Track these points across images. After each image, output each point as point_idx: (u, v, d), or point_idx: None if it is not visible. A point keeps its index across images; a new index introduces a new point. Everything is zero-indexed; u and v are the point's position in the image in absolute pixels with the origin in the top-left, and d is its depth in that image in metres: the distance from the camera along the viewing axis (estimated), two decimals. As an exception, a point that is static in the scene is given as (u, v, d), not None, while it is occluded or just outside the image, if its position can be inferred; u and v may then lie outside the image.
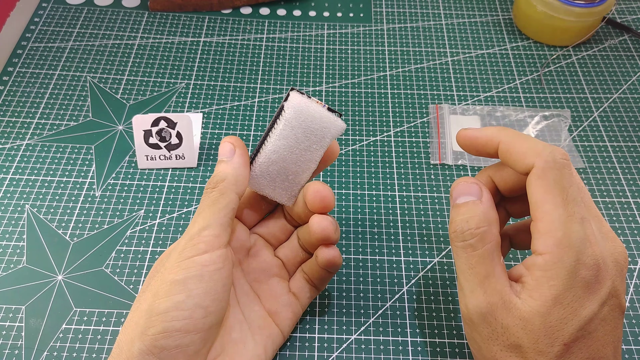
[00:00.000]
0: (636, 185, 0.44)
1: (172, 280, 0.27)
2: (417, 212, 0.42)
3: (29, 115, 0.47)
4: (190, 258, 0.27)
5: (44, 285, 0.37)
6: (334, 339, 0.35)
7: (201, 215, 0.29)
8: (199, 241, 0.28)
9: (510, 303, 0.26)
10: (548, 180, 0.26)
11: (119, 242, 0.39)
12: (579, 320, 0.25)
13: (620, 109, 0.50)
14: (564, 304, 0.25)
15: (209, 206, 0.29)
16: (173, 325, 0.26)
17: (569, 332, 0.25)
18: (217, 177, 0.30)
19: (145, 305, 0.27)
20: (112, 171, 0.44)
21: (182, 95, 0.49)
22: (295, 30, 0.56)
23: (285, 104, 0.30)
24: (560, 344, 0.24)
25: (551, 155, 0.26)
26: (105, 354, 0.34)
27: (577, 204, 0.26)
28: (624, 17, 0.59)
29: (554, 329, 0.25)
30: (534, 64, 0.54)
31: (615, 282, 0.26)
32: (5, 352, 0.34)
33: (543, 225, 0.26)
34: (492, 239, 0.27)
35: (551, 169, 0.26)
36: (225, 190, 0.29)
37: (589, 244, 0.25)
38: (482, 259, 0.27)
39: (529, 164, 0.26)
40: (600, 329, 0.25)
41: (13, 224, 0.40)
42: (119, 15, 0.56)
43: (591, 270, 0.25)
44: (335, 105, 0.49)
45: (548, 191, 0.26)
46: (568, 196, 0.26)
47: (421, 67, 0.53)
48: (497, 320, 0.26)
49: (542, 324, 0.25)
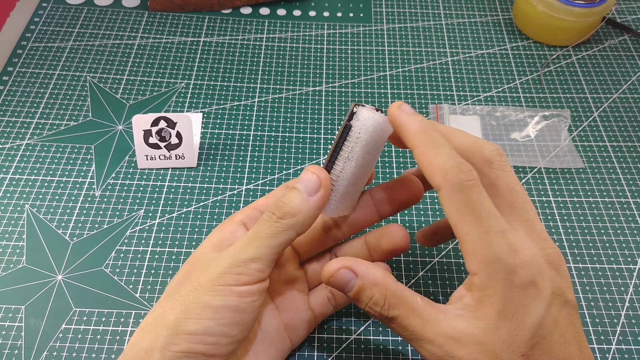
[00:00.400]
0: (636, 185, 0.44)
1: (206, 303, 0.26)
2: (417, 212, 0.42)
3: (29, 115, 0.47)
4: (230, 286, 0.26)
5: (43, 285, 0.37)
6: (334, 339, 0.35)
7: (255, 243, 0.27)
8: (244, 272, 0.26)
9: (458, 334, 0.25)
10: (456, 202, 0.25)
11: (118, 242, 0.39)
12: (529, 328, 0.24)
13: (620, 109, 0.50)
14: (509, 317, 0.25)
15: (267, 237, 0.27)
16: (197, 348, 0.26)
17: (522, 341, 0.24)
18: (289, 209, 0.27)
19: (172, 317, 0.26)
20: (112, 171, 0.44)
21: (182, 95, 0.49)
22: (295, 30, 0.56)
23: (356, 124, 0.28)
24: (518, 356, 0.24)
25: (457, 178, 0.25)
26: (105, 354, 0.34)
27: (493, 217, 0.25)
28: (624, 17, 0.59)
29: (508, 342, 0.25)
30: (534, 64, 0.54)
31: (556, 281, 0.26)
32: (5, 352, 0.34)
33: (467, 245, 0.25)
34: (399, 296, 0.27)
35: (457, 192, 0.25)
36: (291, 227, 0.27)
37: (516, 252, 0.25)
38: (408, 318, 0.26)
39: (436, 183, 0.26)
40: (555, 330, 0.25)
41: (13, 223, 0.40)
42: (119, 15, 0.56)
43: (526, 277, 0.25)
44: (335, 106, 0.49)
45: (459, 213, 0.25)
46: (481, 212, 0.25)
47: (421, 67, 0.53)
48: (454, 358, 0.25)
49: (495, 341, 0.25)
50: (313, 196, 0.28)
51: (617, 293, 0.38)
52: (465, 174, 0.26)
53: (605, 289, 0.38)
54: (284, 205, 0.27)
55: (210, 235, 0.31)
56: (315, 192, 0.28)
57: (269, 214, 0.28)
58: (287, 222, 0.27)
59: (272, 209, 0.28)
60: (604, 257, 0.40)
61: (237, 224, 0.31)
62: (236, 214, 0.32)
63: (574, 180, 0.44)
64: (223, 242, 0.30)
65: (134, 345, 0.27)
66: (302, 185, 0.28)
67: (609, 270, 0.39)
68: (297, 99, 0.50)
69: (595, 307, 0.37)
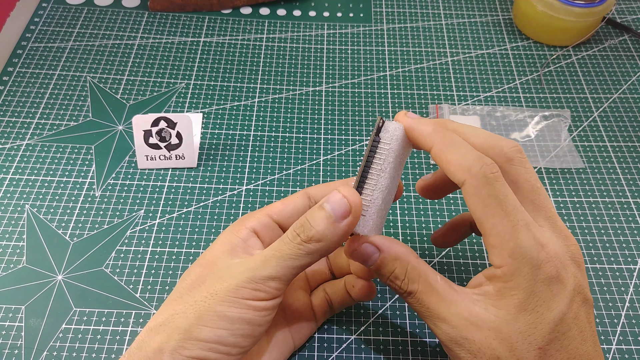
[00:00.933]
0: (636, 185, 0.44)
1: (222, 313, 0.26)
2: (417, 212, 0.42)
3: (29, 115, 0.47)
4: (246, 300, 0.26)
5: (43, 285, 0.37)
6: (334, 339, 0.35)
7: (276, 262, 0.26)
8: (261, 289, 0.26)
9: (474, 317, 0.25)
10: (482, 196, 0.25)
11: (118, 242, 0.39)
12: (549, 323, 0.25)
13: (620, 109, 0.50)
14: (529, 310, 0.25)
15: (289, 258, 0.26)
16: (208, 356, 0.26)
17: (540, 335, 0.25)
18: (314, 233, 0.26)
19: (185, 321, 0.26)
20: (112, 171, 0.44)
21: (182, 95, 0.49)
22: (295, 30, 0.56)
23: (385, 136, 0.28)
24: (535, 348, 0.25)
25: (481, 173, 0.25)
26: (105, 354, 0.34)
27: (518, 211, 0.26)
28: (624, 17, 0.59)
29: (525, 334, 0.25)
30: (534, 64, 0.54)
31: (578, 278, 0.26)
32: (5, 352, 0.34)
33: (492, 239, 0.26)
34: (419, 271, 0.27)
35: (482, 186, 0.25)
36: (315, 252, 0.26)
37: (542, 247, 0.25)
38: (426, 293, 0.27)
39: (459, 180, 0.26)
40: (575, 327, 0.25)
41: (13, 224, 0.40)
42: (119, 15, 0.56)
43: (551, 272, 0.25)
44: (335, 106, 0.49)
45: (486, 205, 0.25)
46: (507, 206, 0.25)
47: (421, 67, 0.53)
48: (468, 340, 0.25)
49: (512, 331, 0.25)
50: (341, 222, 0.26)
51: (617, 293, 0.38)
52: (489, 166, 0.26)
53: (605, 289, 0.38)
54: (310, 229, 0.26)
55: (222, 239, 0.30)
56: (344, 217, 0.26)
57: (293, 234, 0.27)
58: (311, 247, 0.26)
59: (298, 229, 0.27)
60: (604, 257, 0.40)
61: (249, 230, 0.30)
62: (248, 218, 0.30)
63: (574, 180, 0.44)
64: (236, 249, 0.29)
65: (142, 344, 0.27)
66: (331, 208, 0.26)
67: (609, 270, 0.39)
68: (297, 99, 0.50)
69: (595, 307, 0.37)
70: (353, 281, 0.32)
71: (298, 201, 0.31)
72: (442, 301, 0.26)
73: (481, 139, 0.27)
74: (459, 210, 0.42)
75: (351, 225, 0.27)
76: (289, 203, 0.31)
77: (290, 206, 0.31)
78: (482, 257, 0.39)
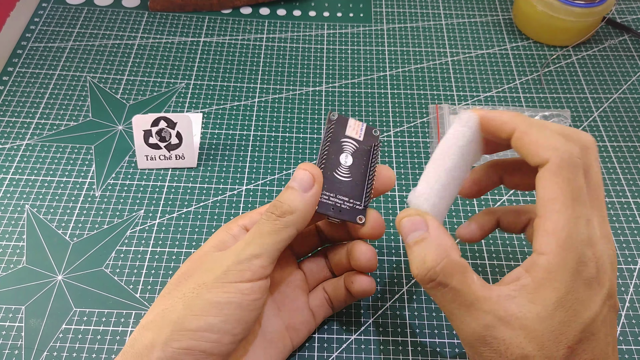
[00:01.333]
0: (636, 185, 0.44)
1: (210, 300, 0.26)
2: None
3: (29, 115, 0.47)
4: (234, 283, 0.27)
5: (43, 285, 0.37)
6: (334, 339, 0.35)
7: (257, 241, 0.28)
8: (247, 269, 0.27)
9: (507, 316, 0.25)
10: (561, 178, 0.25)
11: (118, 242, 0.39)
12: (582, 322, 0.24)
13: (620, 109, 0.50)
14: (566, 307, 0.24)
15: (268, 234, 0.28)
16: (199, 345, 0.26)
17: (572, 334, 0.24)
18: (286, 207, 0.28)
19: (174, 315, 0.27)
20: (112, 171, 0.44)
21: (182, 95, 0.49)
22: (295, 30, 0.56)
23: (458, 122, 0.29)
24: (564, 347, 0.24)
25: (568, 153, 0.25)
26: (105, 354, 0.34)
27: (584, 205, 0.25)
28: (624, 17, 0.59)
29: (556, 332, 0.24)
30: (534, 64, 0.54)
31: (612, 283, 0.26)
32: (5, 352, 0.34)
33: (549, 224, 0.25)
34: (456, 266, 0.26)
35: (566, 167, 0.25)
36: (290, 224, 0.28)
37: (590, 246, 0.25)
38: (457, 290, 0.26)
39: (543, 158, 0.25)
40: (602, 329, 0.25)
41: (13, 224, 0.40)
42: (119, 15, 0.56)
43: (592, 272, 0.25)
44: (335, 106, 0.49)
45: (560, 189, 0.25)
46: (579, 197, 0.25)
47: (421, 67, 0.53)
48: (497, 339, 0.25)
49: (545, 329, 0.24)
50: (308, 192, 0.29)
51: (617, 293, 0.38)
52: (576, 150, 0.25)
53: (606, 289, 0.38)
54: (282, 205, 0.28)
55: (213, 237, 0.31)
56: (310, 188, 0.29)
57: (268, 213, 0.29)
58: (287, 220, 0.28)
59: (271, 208, 0.29)
60: (604, 257, 0.40)
61: (240, 227, 0.31)
62: (242, 218, 0.32)
63: (574, 180, 0.44)
64: (224, 244, 0.30)
65: (134, 342, 0.27)
66: (297, 184, 0.29)
67: (609, 270, 0.39)
68: (297, 99, 0.50)
69: (595, 307, 0.37)
70: (352, 276, 0.32)
71: None
72: (476, 300, 0.25)
73: (559, 128, 0.27)
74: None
75: (316, 193, 0.29)
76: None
77: None
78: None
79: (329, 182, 0.31)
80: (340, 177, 0.31)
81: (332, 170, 0.31)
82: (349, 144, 0.33)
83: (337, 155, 0.32)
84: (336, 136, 0.32)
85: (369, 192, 0.31)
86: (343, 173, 0.31)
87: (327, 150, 0.32)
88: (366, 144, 0.33)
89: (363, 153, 0.32)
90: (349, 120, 0.33)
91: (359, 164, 0.32)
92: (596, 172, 0.27)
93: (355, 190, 0.31)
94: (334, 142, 0.32)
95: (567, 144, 0.25)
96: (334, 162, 0.32)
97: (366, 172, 0.32)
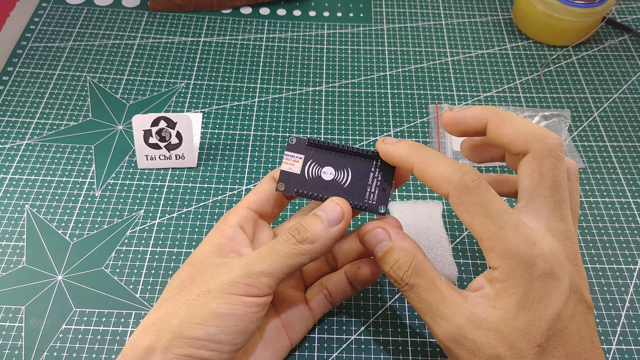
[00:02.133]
0: (636, 185, 0.44)
1: (212, 310, 0.26)
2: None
3: (29, 115, 0.47)
4: (239, 296, 0.27)
5: (43, 285, 0.37)
6: (334, 339, 0.35)
7: (271, 259, 0.28)
8: (254, 285, 0.27)
9: (476, 319, 0.26)
10: (467, 203, 0.26)
11: (118, 242, 0.39)
12: (546, 320, 0.25)
13: (620, 109, 0.50)
14: (527, 307, 0.25)
15: (283, 256, 0.28)
16: (200, 353, 0.26)
17: (539, 332, 0.25)
18: (309, 235, 0.28)
19: (176, 320, 0.26)
20: (112, 171, 0.44)
21: (182, 95, 0.49)
22: (295, 30, 0.56)
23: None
24: (534, 346, 0.25)
25: (461, 180, 0.26)
26: (105, 354, 0.34)
27: (504, 213, 0.26)
28: (624, 17, 0.59)
29: (524, 332, 0.25)
30: (534, 64, 0.54)
31: (574, 277, 0.26)
32: (5, 352, 0.34)
33: (485, 243, 0.26)
34: (424, 267, 0.28)
35: (465, 194, 0.26)
36: (307, 253, 0.28)
37: (534, 244, 0.25)
38: (428, 290, 0.27)
39: (444, 193, 0.27)
40: (571, 325, 0.25)
41: (13, 224, 0.40)
42: (119, 15, 0.56)
43: (545, 268, 0.25)
44: (335, 106, 0.49)
45: (472, 212, 0.26)
46: (492, 210, 0.26)
47: (421, 67, 0.53)
48: (468, 339, 0.26)
49: (511, 330, 0.25)
50: (334, 227, 0.29)
51: (617, 293, 0.38)
52: (468, 175, 0.26)
53: (606, 289, 0.38)
54: (305, 231, 0.28)
55: (209, 239, 0.31)
56: (337, 223, 0.29)
57: (288, 235, 0.28)
58: (305, 248, 0.28)
59: (293, 231, 0.28)
60: (604, 257, 0.40)
61: (234, 228, 0.31)
62: (230, 216, 0.31)
63: (574, 180, 0.44)
64: (224, 248, 0.30)
65: (134, 344, 0.27)
66: (325, 214, 0.29)
67: (609, 270, 0.39)
68: (297, 99, 0.50)
69: (595, 307, 0.37)
70: (358, 263, 0.33)
71: (267, 187, 0.32)
72: (444, 300, 0.27)
73: (527, 126, 0.28)
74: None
75: (342, 230, 0.29)
76: (260, 190, 0.32)
77: (262, 193, 0.32)
78: (482, 257, 0.39)
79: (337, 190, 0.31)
80: (340, 184, 0.31)
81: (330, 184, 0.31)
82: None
83: (319, 177, 0.31)
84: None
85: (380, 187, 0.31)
86: (338, 181, 0.31)
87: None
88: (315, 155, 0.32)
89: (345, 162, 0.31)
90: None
91: (344, 169, 0.31)
92: (553, 174, 0.27)
93: (359, 190, 0.31)
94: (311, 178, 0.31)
95: (459, 173, 0.26)
96: (325, 180, 0.31)
97: (365, 172, 0.31)
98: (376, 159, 0.31)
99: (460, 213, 0.27)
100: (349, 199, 0.30)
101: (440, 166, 0.27)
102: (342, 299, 0.35)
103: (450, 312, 0.26)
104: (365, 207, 0.31)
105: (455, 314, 0.26)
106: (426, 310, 0.27)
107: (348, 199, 0.30)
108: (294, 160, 0.31)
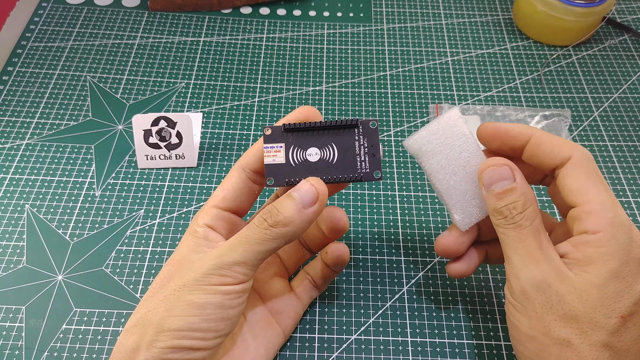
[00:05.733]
0: (636, 185, 0.44)
1: (190, 301, 0.26)
2: (417, 212, 0.42)
3: (29, 115, 0.47)
4: (214, 286, 0.26)
5: (44, 285, 0.37)
6: (334, 339, 0.35)
7: (242, 247, 0.27)
8: (228, 274, 0.26)
9: (563, 274, 0.26)
10: (588, 168, 0.27)
11: (119, 242, 0.39)
12: (635, 294, 0.25)
13: (621, 108, 0.50)
14: (620, 277, 0.25)
15: (255, 243, 0.27)
16: (183, 343, 0.26)
17: (625, 305, 0.25)
18: (281, 218, 0.27)
19: (156, 318, 0.26)
20: (112, 171, 0.44)
21: (182, 95, 0.49)
22: (295, 30, 0.56)
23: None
24: (617, 316, 0.25)
25: (585, 149, 0.28)
26: (105, 354, 0.34)
27: (612, 194, 0.27)
28: (624, 17, 0.59)
29: (610, 300, 0.25)
30: (534, 63, 0.54)
31: None
32: (5, 352, 0.34)
33: (591, 207, 0.27)
34: (537, 215, 0.28)
35: (588, 159, 0.28)
36: (281, 236, 0.27)
37: (634, 227, 0.27)
38: (531, 233, 0.27)
39: (564, 156, 0.28)
40: None
41: (13, 223, 0.40)
42: (119, 15, 0.56)
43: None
44: (335, 106, 0.49)
45: (590, 178, 0.27)
46: (606, 184, 0.27)
47: (421, 67, 0.53)
48: (551, 288, 0.26)
49: (598, 295, 0.25)
50: (308, 209, 0.27)
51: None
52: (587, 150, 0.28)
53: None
54: (277, 214, 0.27)
55: (184, 240, 0.30)
56: (311, 204, 0.27)
57: (260, 219, 0.27)
58: (278, 231, 0.27)
59: (265, 214, 0.27)
60: (604, 257, 0.40)
61: (204, 229, 0.29)
62: (198, 217, 0.30)
63: (574, 180, 0.44)
64: (200, 246, 0.29)
65: (120, 346, 0.27)
66: (299, 195, 0.27)
67: (609, 270, 0.39)
68: (297, 99, 0.50)
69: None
70: (326, 248, 0.33)
71: (235, 180, 0.30)
72: (541, 247, 0.27)
73: (563, 139, 0.30)
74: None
75: (317, 211, 0.27)
76: (227, 186, 0.30)
77: (230, 189, 0.30)
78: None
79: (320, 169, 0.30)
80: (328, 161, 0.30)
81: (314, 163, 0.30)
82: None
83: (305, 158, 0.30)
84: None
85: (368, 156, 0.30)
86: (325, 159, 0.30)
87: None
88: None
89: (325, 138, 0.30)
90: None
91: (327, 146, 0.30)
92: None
93: (346, 164, 0.30)
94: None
95: (579, 145, 0.28)
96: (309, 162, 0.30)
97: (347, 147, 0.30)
98: (357, 126, 0.30)
99: (576, 175, 0.27)
100: (342, 174, 0.29)
101: (561, 138, 0.29)
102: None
103: (543, 258, 0.27)
104: (360, 178, 0.30)
105: (548, 261, 0.26)
106: (521, 251, 0.27)
107: (341, 175, 0.29)
108: (276, 151, 0.30)
